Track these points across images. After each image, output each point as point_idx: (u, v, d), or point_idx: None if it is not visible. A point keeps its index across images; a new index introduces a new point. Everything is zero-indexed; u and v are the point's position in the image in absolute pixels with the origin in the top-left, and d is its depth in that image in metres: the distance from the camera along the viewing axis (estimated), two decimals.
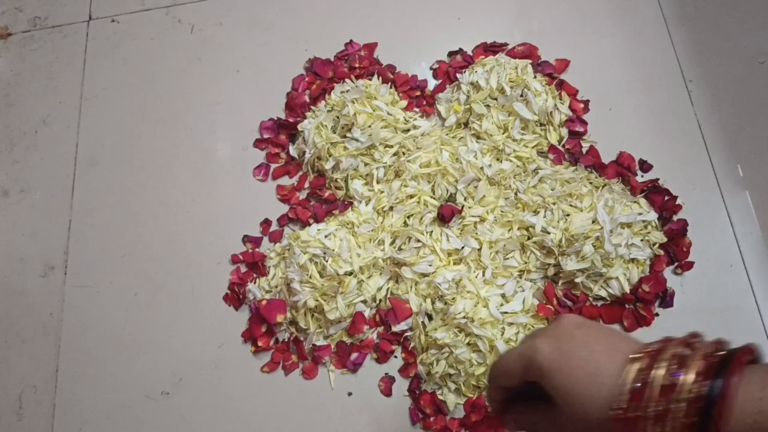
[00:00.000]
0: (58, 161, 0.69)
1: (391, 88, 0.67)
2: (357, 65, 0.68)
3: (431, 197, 0.59)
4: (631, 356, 0.30)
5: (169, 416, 0.57)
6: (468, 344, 0.53)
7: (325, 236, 0.57)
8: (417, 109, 0.66)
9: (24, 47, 0.76)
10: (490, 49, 0.68)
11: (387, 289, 0.57)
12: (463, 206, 0.58)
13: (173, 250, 0.63)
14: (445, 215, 0.57)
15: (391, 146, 0.62)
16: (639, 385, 0.29)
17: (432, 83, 0.68)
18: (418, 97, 0.67)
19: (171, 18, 0.75)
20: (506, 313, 0.55)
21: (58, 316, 0.62)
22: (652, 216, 0.57)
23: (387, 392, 0.56)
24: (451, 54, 0.68)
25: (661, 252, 0.56)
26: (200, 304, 0.61)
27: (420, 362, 0.55)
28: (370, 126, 0.61)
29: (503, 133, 0.62)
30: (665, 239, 0.56)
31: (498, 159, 0.61)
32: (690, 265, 0.57)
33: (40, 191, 0.68)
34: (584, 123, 0.63)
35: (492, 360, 0.52)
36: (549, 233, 0.55)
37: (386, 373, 0.56)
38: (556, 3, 0.70)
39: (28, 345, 0.62)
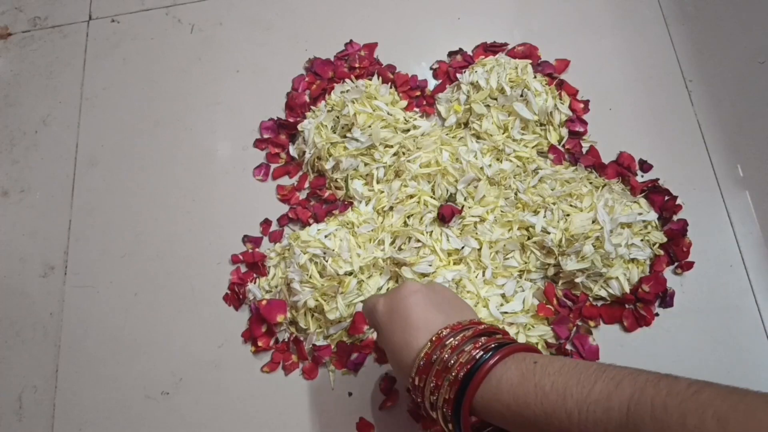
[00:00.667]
0: (58, 161, 0.69)
1: (391, 88, 0.67)
2: (357, 65, 0.68)
3: (431, 197, 0.59)
4: (433, 336, 0.38)
5: (169, 416, 0.57)
6: None
7: (325, 236, 0.57)
8: (417, 109, 0.66)
9: (24, 47, 0.76)
10: (490, 49, 0.68)
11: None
12: (463, 206, 0.58)
13: (173, 250, 0.63)
14: (445, 215, 0.57)
15: (391, 146, 0.62)
16: (423, 363, 0.37)
17: (432, 83, 0.68)
18: (418, 97, 0.67)
19: (171, 18, 0.75)
20: (506, 313, 0.55)
21: (58, 316, 0.62)
22: (652, 216, 0.57)
23: (387, 392, 0.56)
24: (451, 54, 0.68)
25: (661, 252, 0.56)
26: (200, 304, 0.61)
27: None
28: (370, 126, 0.62)
29: (503, 133, 0.62)
30: (665, 239, 0.56)
31: (498, 159, 0.61)
32: (690, 265, 0.57)
33: (40, 191, 0.68)
34: (584, 123, 0.63)
35: None
36: (549, 233, 0.55)
37: (386, 373, 0.56)
38: (556, 3, 0.70)
39: (28, 345, 0.62)
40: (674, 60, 0.65)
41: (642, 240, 0.56)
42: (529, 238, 0.57)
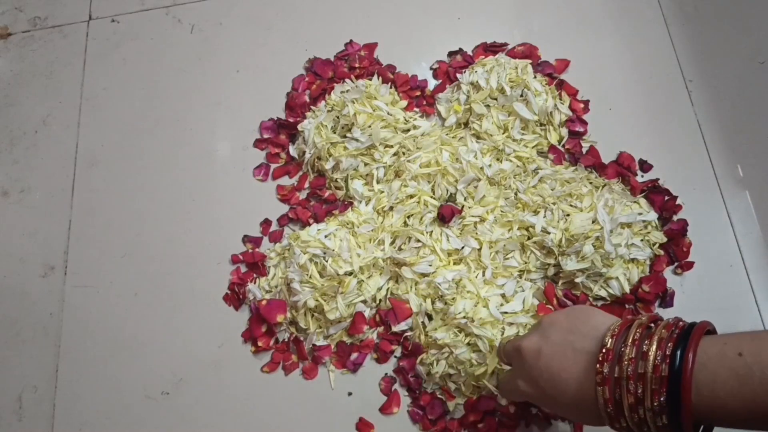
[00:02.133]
0: (58, 161, 0.69)
1: (391, 88, 0.67)
2: (357, 65, 0.68)
3: (431, 197, 0.59)
4: (596, 366, 0.35)
5: (169, 416, 0.57)
6: (468, 344, 0.53)
7: (325, 236, 0.57)
8: (417, 109, 0.66)
9: (24, 47, 0.76)
10: (490, 49, 0.68)
11: (387, 289, 0.57)
12: (463, 206, 0.58)
13: (173, 250, 0.63)
14: (445, 215, 0.57)
15: (391, 146, 0.62)
16: (601, 381, 0.34)
17: (432, 83, 0.68)
18: (418, 97, 0.67)
19: (171, 18, 0.75)
20: (506, 313, 0.55)
21: (58, 316, 0.62)
22: (652, 216, 0.57)
23: (387, 392, 0.56)
24: (451, 54, 0.68)
25: (661, 252, 0.56)
26: (200, 304, 0.61)
27: (420, 362, 0.55)
28: (370, 126, 0.62)
29: (503, 133, 0.62)
30: (665, 239, 0.56)
31: (498, 159, 0.61)
32: (690, 265, 0.57)
33: (40, 191, 0.68)
34: (584, 123, 0.63)
35: (491, 360, 0.52)
36: (549, 233, 0.55)
37: (386, 373, 0.56)
38: (556, 3, 0.70)
39: (28, 345, 0.62)
40: (674, 60, 0.65)
41: (642, 240, 0.56)
42: (529, 238, 0.57)
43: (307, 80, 0.69)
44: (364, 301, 0.56)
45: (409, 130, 0.63)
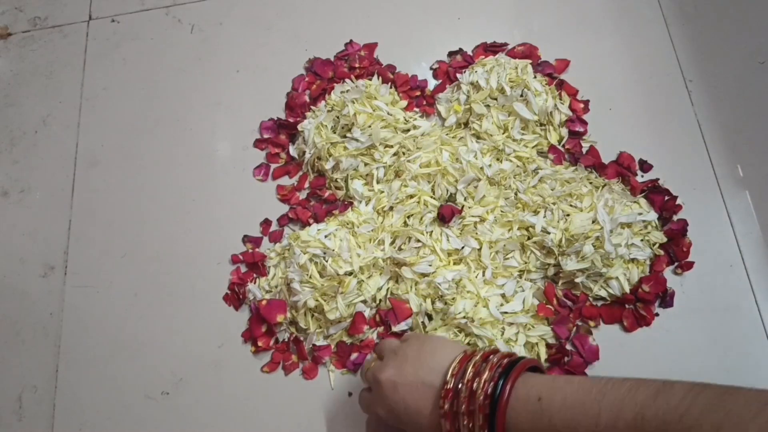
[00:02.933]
0: (58, 161, 0.69)
1: (391, 88, 0.67)
2: (357, 65, 0.68)
3: (431, 197, 0.59)
4: (439, 402, 0.40)
5: (169, 416, 0.57)
6: (468, 344, 0.53)
7: (325, 236, 0.57)
8: (417, 109, 0.66)
9: (24, 47, 0.76)
10: (490, 49, 0.68)
11: (387, 289, 0.57)
12: (463, 206, 0.58)
13: (173, 250, 0.63)
14: (445, 215, 0.57)
15: (391, 146, 0.62)
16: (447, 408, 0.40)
17: (432, 83, 0.68)
18: (418, 97, 0.67)
19: (171, 18, 0.75)
20: (506, 313, 0.55)
21: (58, 316, 0.62)
22: (652, 216, 0.57)
23: None
24: (451, 54, 0.68)
25: (661, 252, 0.56)
26: (200, 304, 0.61)
27: None
28: (370, 126, 0.62)
29: (503, 133, 0.62)
30: (665, 239, 0.56)
31: (498, 159, 0.61)
32: (690, 265, 0.56)
33: (40, 191, 0.68)
34: (584, 123, 0.63)
35: None
36: (549, 233, 0.55)
37: None
38: (556, 3, 0.70)
39: (28, 345, 0.62)
40: (674, 60, 0.65)
41: (642, 240, 0.56)
42: (529, 238, 0.57)
43: (307, 80, 0.69)
44: (364, 301, 0.56)
45: (409, 130, 0.63)
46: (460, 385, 0.40)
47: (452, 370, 0.41)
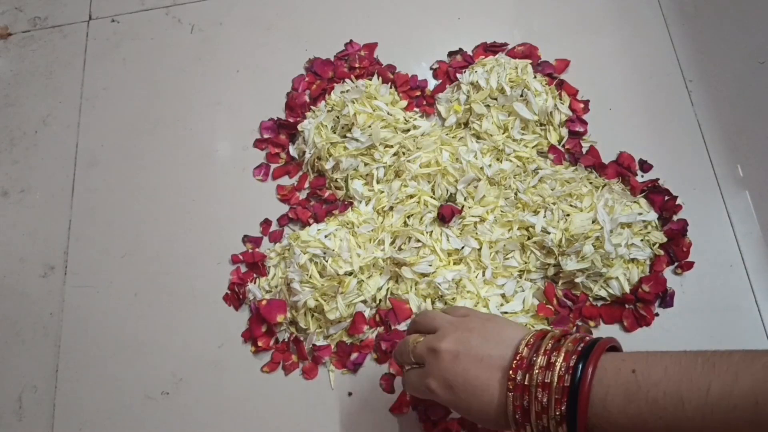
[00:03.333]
0: (58, 161, 0.69)
1: (391, 88, 0.67)
2: (357, 65, 0.68)
3: (431, 197, 0.59)
4: (508, 372, 0.36)
5: (169, 416, 0.57)
6: None
7: (325, 236, 0.57)
8: (417, 109, 0.66)
9: (24, 47, 0.76)
10: (490, 49, 0.68)
11: (387, 289, 0.57)
12: (463, 206, 0.58)
13: (173, 250, 0.63)
14: (445, 215, 0.57)
15: (391, 146, 0.62)
16: (513, 410, 0.36)
17: (432, 83, 0.68)
18: (418, 97, 0.67)
19: (171, 18, 0.75)
20: (506, 313, 0.55)
21: (58, 316, 0.62)
22: (652, 216, 0.57)
23: (389, 389, 0.56)
24: (451, 54, 0.68)
25: (661, 252, 0.56)
26: (200, 304, 0.61)
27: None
28: (370, 126, 0.62)
29: (503, 133, 0.62)
30: (665, 239, 0.56)
31: (498, 159, 0.61)
32: (690, 265, 0.56)
33: (40, 191, 0.68)
34: (584, 123, 0.63)
35: None
36: (549, 233, 0.55)
37: (386, 373, 0.56)
38: (556, 3, 0.70)
39: (28, 345, 0.62)
40: (674, 60, 0.65)
41: (642, 240, 0.56)
42: (529, 238, 0.57)
43: (307, 80, 0.69)
44: (364, 301, 0.56)
45: (409, 130, 0.63)
46: (535, 357, 0.36)
47: (527, 342, 0.37)
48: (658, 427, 0.32)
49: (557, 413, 0.34)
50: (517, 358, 0.36)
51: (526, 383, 0.35)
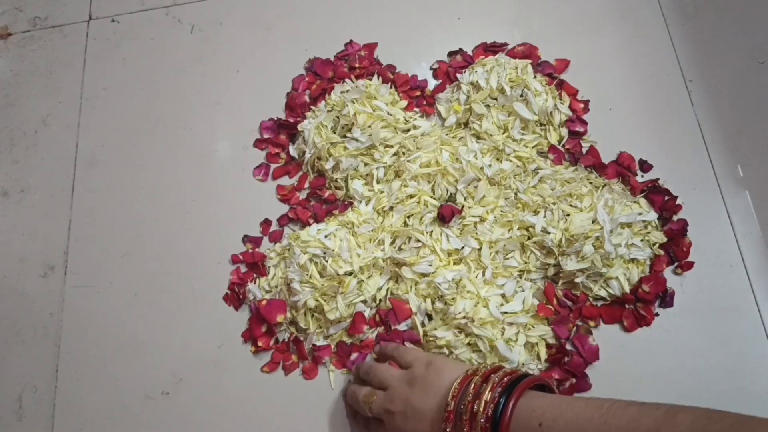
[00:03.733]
0: (58, 161, 0.69)
1: (391, 88, 0.67)
2: (357, 65, 0.68)
3: (431, 197, 0.59)
4: (442, 425, 0.42)
5: (169, 416, 0.57)
6: (468, 344, 0.53)
7: (325, 236, 0.57)
8: (417, 109, 0.66)
9: (24, 47, 0.76)
10: (490, 49, 0.68)
11: (387, 289, 0.57)
12: (463, 206, 0.58)
13: (173, 250, 0.63)
14: (445, 215, 0.57)
15: (391, 146, 0.62)
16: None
17: (432, 83, 0.68)
18: (418, 97, 0.67)
19: (171, 18, 0.75)
20: (506, 313, 0.55)
21: (58, 316, 0.62)
22: (652, 216, 0.57)
23: None
24: (451, 54, 0.68)
25: (661, 252, 0.56)
26: (200, 304, 0.61)
27: None
28: (370, 126, 0.61)
29: (503, 133, 0.62)
30: (665, 239, 0.56)
31: (498, 159, 0.61)
32: (690, 265, 0.56)
33: (40, 191, 0.68)
34: (584, 123, 0.63)
35: (491, 360, 0.52)
36: (549, 233, 0.55)
37: None
38: (556, 3, 0.70)
39: (28, 345, 0.62)
40: (674, 60, 0.65)
41: (642, 240, 0.56)
42: (529, 238, 0.57)
43: (307, 80, 0.69)
44: (364, 301, 0.56)
45: (409, 130, 0.63)
46: (461, 407, 0.40)
47: (453, 392, 0.42)
48: None
49: None
50: (447, 410, 0.42)
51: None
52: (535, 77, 0.63)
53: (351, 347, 0.57)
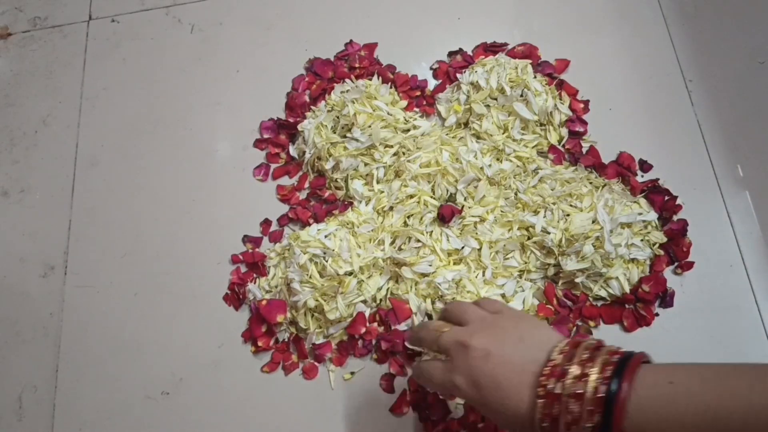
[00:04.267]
0: (58, 161, 0.69)
1: (391, 88, 0.67)
2: (357, 65, 0.68)
3: (431, 197, 0.59)
4: (539, 378, 0.35)
5: (169, 416, 0.57)
6: None
7: (325, 236, 0.57)
8: (417, 109, 0.66)
9: (24, 47, 0.76)
10: (490, 49, 0.68)
11: (387, 289, 0.57)
12: (463, 206, 0.58)
13: (173, 250, 0.63)
14: (445, 215, 0.57)
15: (391, 146, 0.62)
16: (547, 400, 0.34)
17: (432, 83, 0.68)
18: (418, 97, 0.66)
19: (171, 18, 0.75)
20: None
21: (58, 316, 0.62)
22: (652, 216, 0.57)
23: (389, 389, 0.56)
24: (451, 54, 0.68)
25: (661, 252, 0.56)
26: (200, 304, 0.61)
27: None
28: (370, 126, 0.61)
29: (503, 133, 0.62)
30: (665, 239, 0.56)
31: (498, 159, 0.61)
32: (690, 265, 0.56)
33: (40, 191, 0.68)
34: (584, 123, 0.63)
35: None
36: (549, 233, 0.55)
37: (385, 373, 0.56)
38: (556, 3, 0.70)
39: (28, 345, 0.62)
40: (674, 60, 0.65)
41: (642, 240, 0.56)
42: (529, 238, 0.57)
43: (307, 80, 0.69)
44: (364, 301, 0.56)
45: (409, 130, 0.63)
46: (568, 366, 0.35)
47: (560, 349, 0.36)
48: None
49: (589, 424, 0.33)
50: (550, 365, 0.35)
51: (557, 391, 0.34)
52: (535, 77, 0.63)
53: (352, 345, 0.57)
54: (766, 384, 0.30)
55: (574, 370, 0.34)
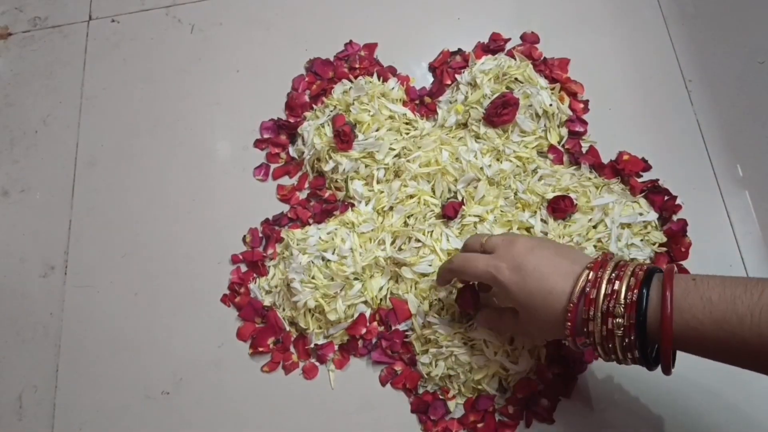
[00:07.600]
0: (58, 161, 0.69)
1: (398, 83, 0.66)
2: (357, 65, 0.68)
3: (431, 197, 0.59)
4: (577, 276, 0.39)
5: (169, 416, 0.57)
6: (471, 346, 0.53)
7: (325, 236, 0.57)
8: (418, 114, 0.66)
9: (24, 47, 0.76)
10: (490, 49, 0.67)
11: (387, 289, 0.57)
12: (463, 198, 0.58)
13: (173, 250, 0.63)
14: (449, 214, 0.57)
15: (394, 149, 0.61)
16: (584, 295, 0.38)
17: (431, 82, 0.67)
18: (418, 105, 0.66)
19: (171, 18, 0.75)
20: None
21: (58, 316, 0.62)
22: (652, 216, 0.57)
23: (386, 380, 0.56)
24: (451, 54, 0.68)
25: (662, 251, 0.56)
26: (200, 304, 0.61)
27: (419, 363, 0.55)
28: (377, 130, 0.61)
29: (503, 135, 0.61)
30: (665, 239, 0.56)
31: (498, 159, 0.61)
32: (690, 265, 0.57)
33: (40, 191, 0.68)
34: (584, 123, 0.63)
35: (490, 354, 0.52)
36: (548, 233, 0.55)
37: (382, 370, 0.56)
38: (556, 2, 0.70)
39: (28, 345, 0.62)
40: (674, 60, 0.65)
41: (642, 240, 0.56)
42: None
43: (307, 80, 0.69)
44: (365, 302, 0.56)
45: (409, 131, 0.63)
46: (601, 272, 0.38)
47: (599, 257, 0.40)
48: (705, 322, 0.34)
49: (632, 321, 0.36)
50: (588, 273, 0.38)
51: (593, 297, 0.37)
52: (537, 84, 0.63)
53: (352, 345, 0.57)
54: None
55: (609, 274, 0.38)
